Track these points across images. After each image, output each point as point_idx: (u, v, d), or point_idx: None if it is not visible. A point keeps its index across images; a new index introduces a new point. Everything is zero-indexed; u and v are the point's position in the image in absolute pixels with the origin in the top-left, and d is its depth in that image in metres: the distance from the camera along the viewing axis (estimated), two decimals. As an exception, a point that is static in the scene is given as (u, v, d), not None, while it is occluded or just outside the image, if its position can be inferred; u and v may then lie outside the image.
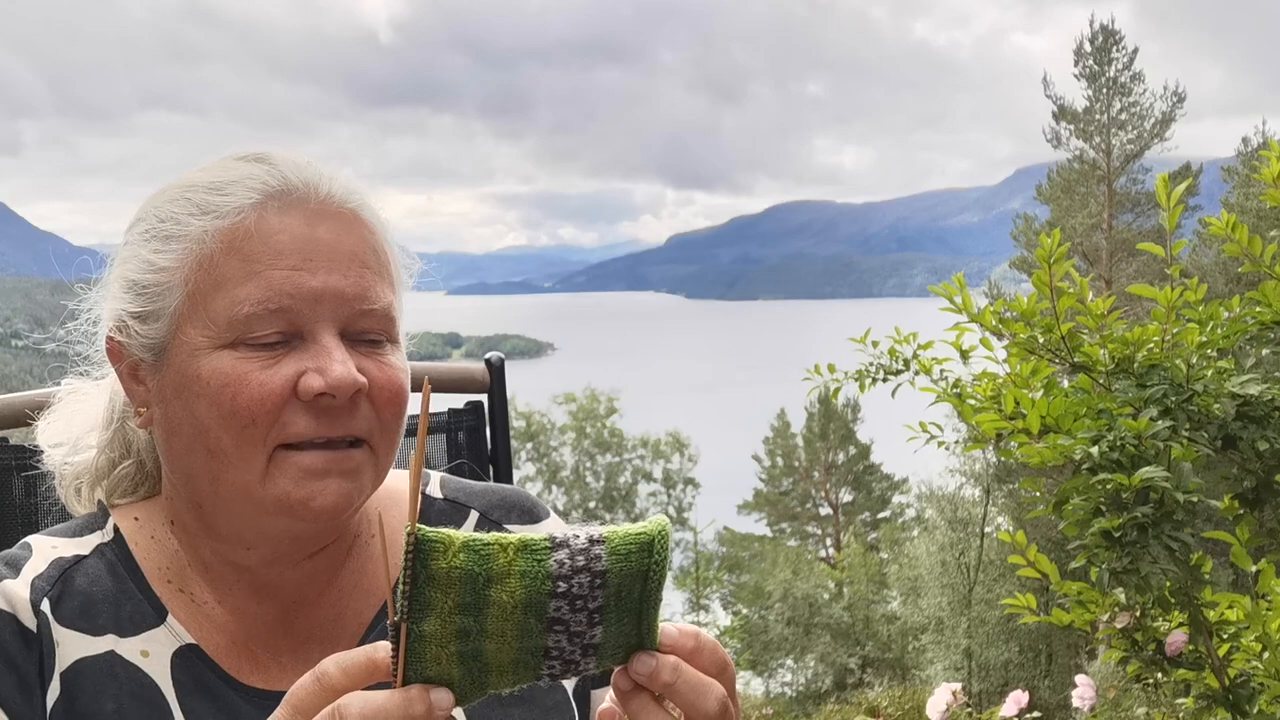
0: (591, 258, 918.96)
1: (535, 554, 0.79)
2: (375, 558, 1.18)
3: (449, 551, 0.78)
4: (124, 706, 1.03)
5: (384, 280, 1.09)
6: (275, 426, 1.01)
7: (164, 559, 1.12)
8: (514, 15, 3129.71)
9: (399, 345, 1.11)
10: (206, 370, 1.01)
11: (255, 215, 1.04)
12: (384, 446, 1.08)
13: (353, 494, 1.04)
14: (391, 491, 1.23)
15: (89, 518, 1.16)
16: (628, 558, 0.79)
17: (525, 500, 1.27)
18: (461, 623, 0.78)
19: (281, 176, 1.07)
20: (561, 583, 0.78)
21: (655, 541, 0.80)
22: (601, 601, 0.79)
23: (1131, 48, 26.17)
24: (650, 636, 0.83)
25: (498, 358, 1.80)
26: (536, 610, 0.79)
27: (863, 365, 2.74)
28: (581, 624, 0.80)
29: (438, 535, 0.78)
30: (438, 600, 0.78)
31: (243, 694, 1.07)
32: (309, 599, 1.13)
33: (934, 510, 25.76)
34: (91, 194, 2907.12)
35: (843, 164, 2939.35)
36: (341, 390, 1.01)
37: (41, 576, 1.07)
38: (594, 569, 0.79)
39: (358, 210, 1.09)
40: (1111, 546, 2.13)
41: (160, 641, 1.07)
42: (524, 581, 0.78)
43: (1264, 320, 2.28)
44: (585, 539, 0.80)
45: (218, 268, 1.03)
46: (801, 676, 28.14)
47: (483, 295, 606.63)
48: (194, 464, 1.05)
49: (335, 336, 1.04)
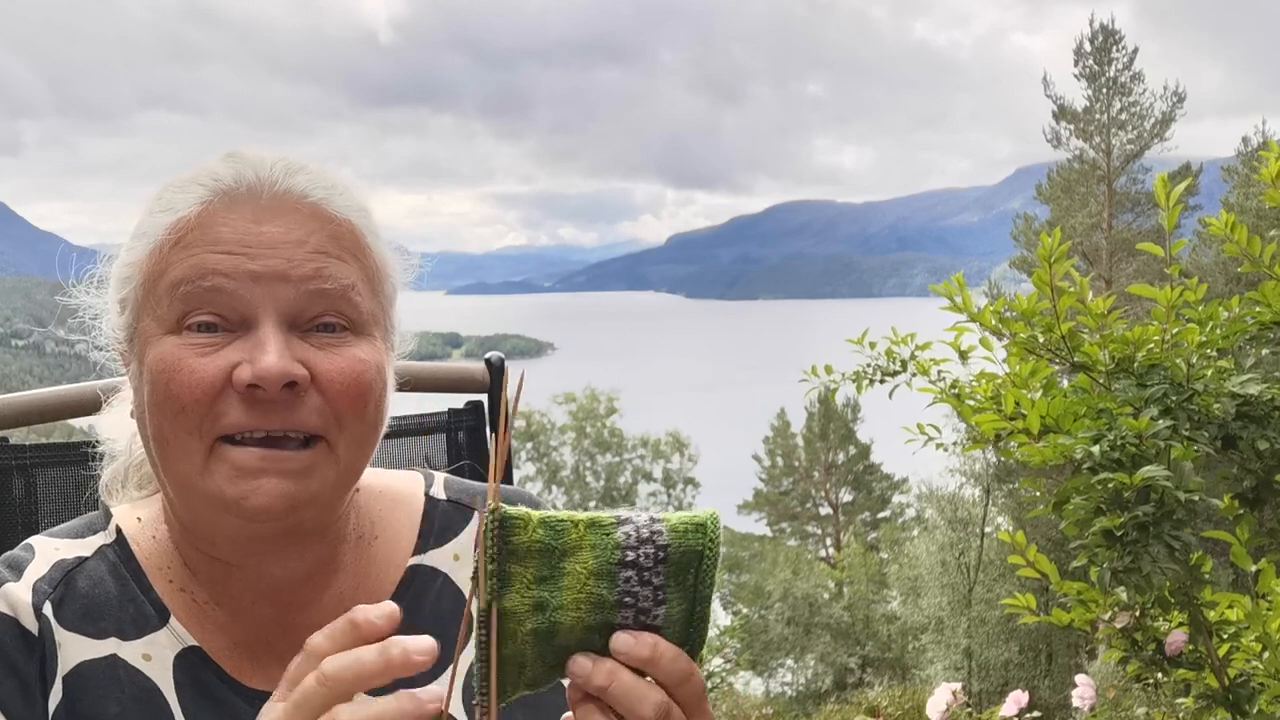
0: (591, 258, 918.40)
1: (604, 528, 0.85)
2: (376, 559, 1.17)
3: (529, 526, 0.83)
4: (126, 710, 1.03)
5: (345, 264, 1.04)
6: (209, 416, 0.99)
7: (165, 559, 1.12)
8: (514, 15, 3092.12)
9: (371, 337, 1.06)
10: (152, 356, 1.01)
11: (201, 209, 1.04)
12: (344, 443, 1.03)
13: (297, 494, 1.00)
14: (393, 492, 1.22)
15: (91, 519, 1.16)
16: (685, 535, 0.85)
17: (530, 501, 1.27)
18: (539, 594, 0.84)
19: (237, 172, 1.06)
20: (629, 552, 0.84)
21: (708, 524, 0.86)
22: (664, 579, 0.84)
23: (1131, 48, 26.19)
24: (701, 627, 0.87)
25: (498, 357, 1.80)
26: (608, 580, 0.84)
27: (860, 367, 2.74)
28: (648, 600, 0.84)
29: (518, 512, 0.84)
30: (518, 573, 0.83)
31: (244, 695, 1.07)
32: (307, 600, 1.12)
33: (934, 510, 25.75)
34: (91, 194, 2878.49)
35: (843, 164, 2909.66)
36: (269, 381, 0.97)
37: (43, 579, 1.07)
38: (657, 542, 0.84)
39: (320, 203, 1.06)
40: (1112, 546, 2.13)
41: (163, 644, 1.07)
42: (595, 553, 0.84)
43: (1264, 320, 2.28)
44: (647, 518, 0.86)
45: (165, 258, 1.03)
46: (801, 676, 28.16)
47: (482, 295, 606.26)
48: (151, 451, 1.04)
49: (277, 326, 1.00)
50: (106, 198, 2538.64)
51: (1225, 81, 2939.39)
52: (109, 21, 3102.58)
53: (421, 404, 1.73)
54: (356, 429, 1.04)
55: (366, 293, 1.06)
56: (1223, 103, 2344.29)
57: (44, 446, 1.49)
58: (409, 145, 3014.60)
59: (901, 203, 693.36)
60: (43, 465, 1.47)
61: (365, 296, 1.05)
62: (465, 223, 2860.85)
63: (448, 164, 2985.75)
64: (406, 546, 1.19)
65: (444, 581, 1.18)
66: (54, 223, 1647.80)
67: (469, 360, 1.85)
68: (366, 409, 1.04)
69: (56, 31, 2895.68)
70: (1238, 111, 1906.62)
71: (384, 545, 1.19)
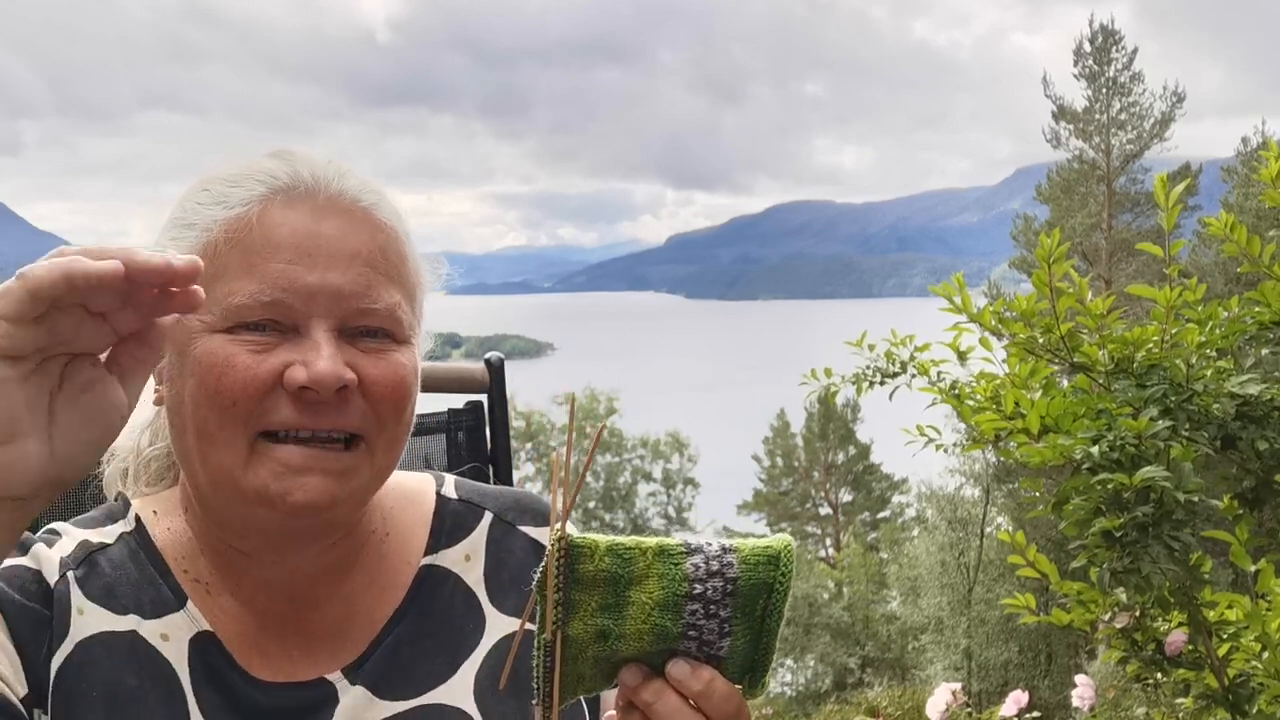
0: (591, 258, 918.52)
1: (672, 558, 0.82)
2: (388, 557, 1.19)
3: (596, 555, 0.81)
4: (144, 684, 1.05)
5: (391, 281, 1.08)
6: (258, 412, 1.01)
7: (180, 549, 1.13)
8: (513, 15, 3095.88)
9: (410, 345, 1.10)
10: (200, 351, 1.02)
11: (260, 208, 1.05)
12: (382, 444, 1.07)
13: (337, 493, 1.04)
14: (405, 491, 1.24)
15: (111, 508, 1.18)
16: (756, 568, 0.82)
17: (538, 503, 1.28)
18: (602, 623, 0.82)
19: (293, 171, 1.08)
20: (698, 585, 0.81)
21: (781, 555, 0.83)
22: (731, 611, 0.82)
23: (1131, 48, 26.19)
24: (765, 657, 0.85)
25: (497, 358, 1.80)
26: (673, 612, 0.82)
27: (860, 369, 2.74)
28: (713, 633, 0.83)
29: (584, 540, 0.82)
30: (583, 601, 0.82)
31: (252, 685, 1.08)
32: (320, 596, 1.13)
33: (934, 510, 25.74)
34: (91, 194, 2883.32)
35: (843, 164, 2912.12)
36: (324, 385, 1.00)
37: (69, 555, 1.09)
38: (726, 575, 0.82)
39: (370, 209, 1.09)
40: (1112, 546, 2.13)
41: (180, 626, 1.09)
42: (662, 584, 0.82)
43: (1263, 320, 2.28)
44: (718, 547, 0.83)
45: (220, 257, 1.04)
46: (801, 676, 28.15)
47: (482, 295, 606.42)
48: (186, 444, 1.06)
49: (329, 332, 1.03)
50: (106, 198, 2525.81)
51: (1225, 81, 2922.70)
52: (109, 21, 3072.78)
53: (421, 404, 1.73)
54: (393, 431, 1.08)
55: (408, 308, 1.10)
56: (1222, 103, 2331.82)
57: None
58: (409, 145, 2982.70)
59: (901, 203, 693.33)
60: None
61: (406, 312, 1.09)
62: (465, 223, 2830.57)
63: (447, 164, 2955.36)
64: (418, 545, 1.21)
65: (455, 582, 1.20)
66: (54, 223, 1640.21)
67: (469, 360, 1.85)
68: (405, 413, 1.09)
69: (56, 31, 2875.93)
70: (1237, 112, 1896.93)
71: (396, 543, 1.20)
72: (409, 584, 1.18)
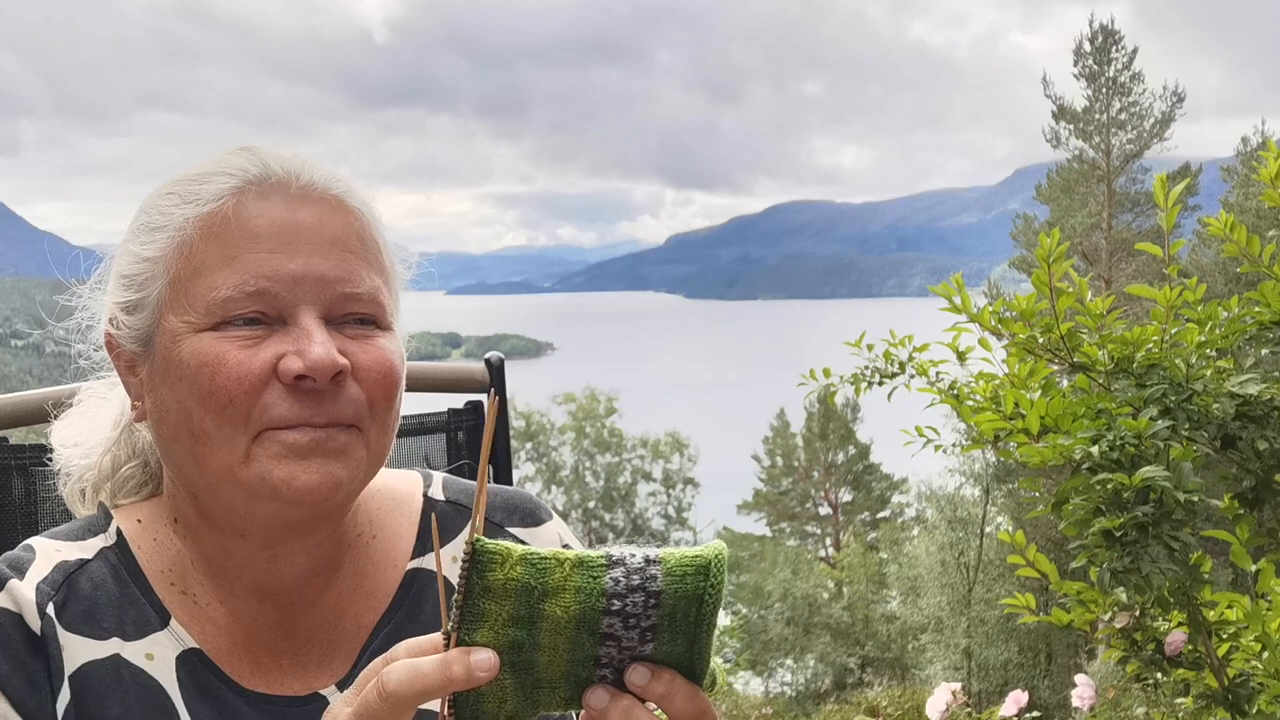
0: (591, 258, 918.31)
1: (591, 570, 0.79)
2: (375, 559, 1.17)
3: (506, 564, 0.78)
4: (130, 710, 1.03)
5: (371, 266, 1.08)
6: (256, 409, 1.00)
7: (166, 561, 1.11)
8: (510, 15, 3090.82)
9: (393, 332, 1.10)
10: (187, 353, 1.01)
11: (234, 201, 1.05)
12: (375, 430, 1.06)
13: (339, 476, 1.03)
14: (392, 493, 1.22)
15: (91, 520, 1.15)
16: (683, 579, 0.79)
17: (527, 502, 1.27)
18: (514, 635, 0.79)
19: (262, 164, 1.07)
20: (616, 600, 0.78)
21: (711, 565, 0.79)
22: (655, 621, 0.79)
23: (1131, 48, 26.17)
24: (701, 662, 0.82)
25: (497, 357, 1.80)
26: (589, 626, 0.79)
27: (858, 369, 2.74)
28: (634, 640, 0.80)
29: (496, 547, 0.78)
30: (492, 611, 0.79)
31: (244, 698, 1.07)
32: (308, 601, 1.12)
33: (933, 510, 25.74)
34: (90, 194, 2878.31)
35: (842, 164, 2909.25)
36: (320, 372, 1.00)
37: (46, 580, 1.06)
38: (649, 589, 0.78)
39: (342, 197, 1.09)
40: (1111, 546, 2.12)
41: (164, 644, 1.07)
42: (579, 597, 0.78)
43: (1263, 320, 2.28)
44: (641, 559, 0.79)
45: (197, 254, 1.03)
46: (801, 676, 28.15)
47: (482, 295, 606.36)
48: (181, 450, 1.04)
49: (317, 319, 1.03)
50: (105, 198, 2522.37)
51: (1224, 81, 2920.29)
52: (106, 21, 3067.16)
53: (421, 404, 1.73)
54: (385, 417, 1.07)
55: (386, 292, 1.10)
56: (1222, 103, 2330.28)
57: (44, 447, 1.48)
58: (407, 145, 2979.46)
59: (901, 203, 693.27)
60: (43, 465, 1.47)
61: (386, 296, 1.09)
62: (464, 223, 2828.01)
63: (446, 164, 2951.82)
64: (405, 547, 1.19)
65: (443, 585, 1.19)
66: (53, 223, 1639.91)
67: (468, 360, 1.86)
68: (395, 398, 1.08)
69: (55, 31, 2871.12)
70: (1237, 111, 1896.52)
71: (382, 545, 1.18)
72: (396, 588, 1.17)
